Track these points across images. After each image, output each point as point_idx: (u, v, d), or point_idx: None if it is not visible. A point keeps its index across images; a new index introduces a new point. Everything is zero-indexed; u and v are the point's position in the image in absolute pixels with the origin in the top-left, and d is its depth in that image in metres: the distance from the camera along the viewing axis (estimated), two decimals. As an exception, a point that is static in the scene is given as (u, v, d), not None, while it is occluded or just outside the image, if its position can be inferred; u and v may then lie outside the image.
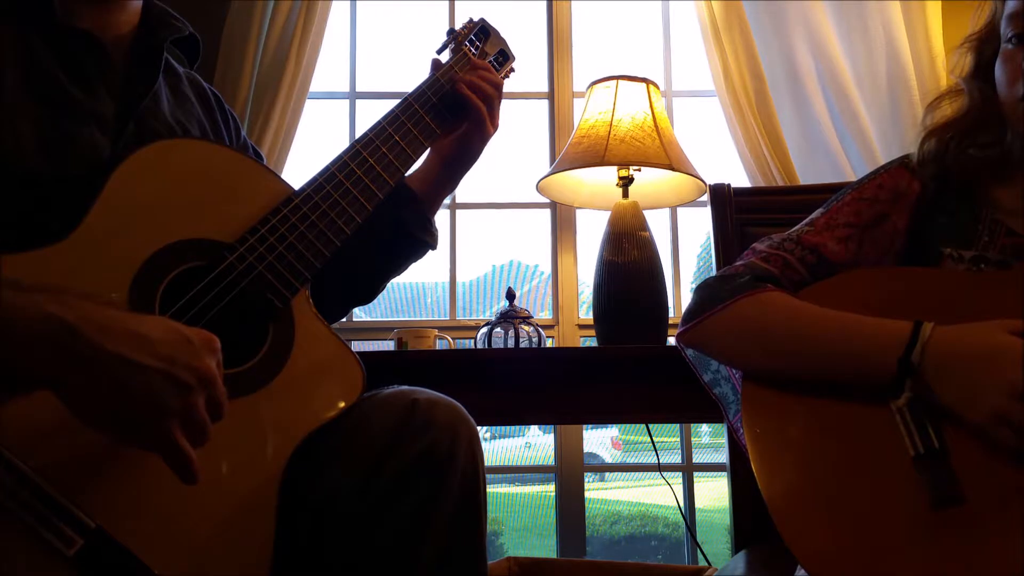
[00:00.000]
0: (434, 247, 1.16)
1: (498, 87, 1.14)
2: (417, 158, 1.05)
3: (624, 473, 6.67)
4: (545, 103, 2.26)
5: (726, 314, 0.88)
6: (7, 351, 0.60)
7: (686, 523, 2.02)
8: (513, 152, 2.45)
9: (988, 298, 0.82)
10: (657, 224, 1.87)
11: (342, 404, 0.87)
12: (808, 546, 0.73)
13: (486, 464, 0.89)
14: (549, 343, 1.93)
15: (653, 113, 1.75)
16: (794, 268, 0.93)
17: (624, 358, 1.47)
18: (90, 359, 0.63)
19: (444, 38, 1.20)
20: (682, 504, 1.97)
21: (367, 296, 1.18)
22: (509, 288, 1.77)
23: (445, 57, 1.17)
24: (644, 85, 1.78)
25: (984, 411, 0.73)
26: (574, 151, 1.75)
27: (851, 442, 0.79)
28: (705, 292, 0.93)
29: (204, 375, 0.68)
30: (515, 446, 5.91)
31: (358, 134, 1.02)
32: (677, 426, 2.29)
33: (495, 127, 1.13)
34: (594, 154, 1.70)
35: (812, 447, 0.80)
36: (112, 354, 0.63)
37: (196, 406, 0.67)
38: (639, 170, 1.74)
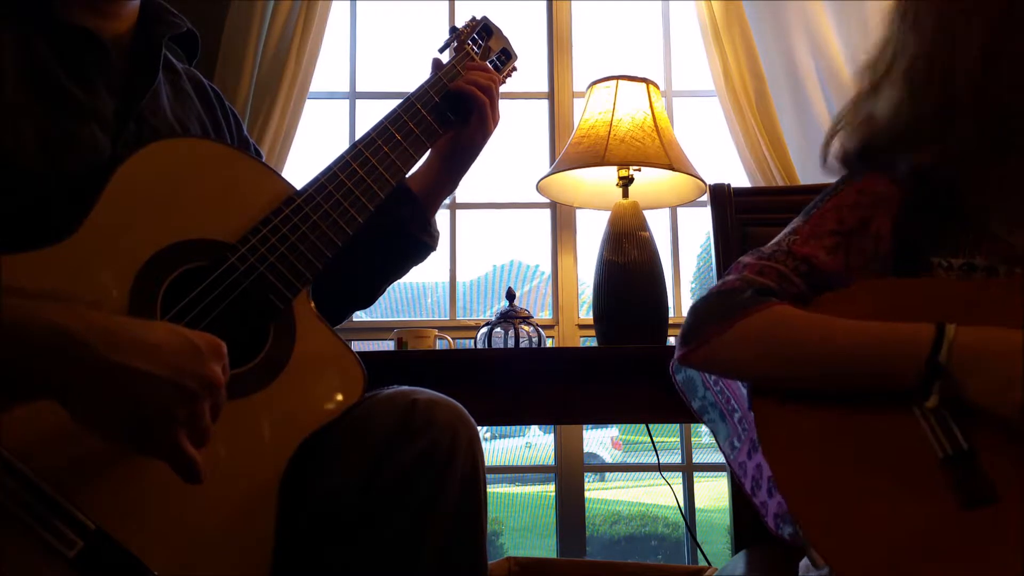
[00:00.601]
0: (434, 248, 1.16)
1: (497, 82, 1.15)
2: (419, 158, 1.05)
3: (624, 473, 6.68)
4: (545, 103, 2.26)
5: (736, 331, 0.85)
6: (8, 360, 0.60)
7: (686, 523, 2.02)
8: (513, 152, 2.45)
9: (988, 304, 0.82)
10: (657, 224, 1.87)
11: (343, 404, 0.87)
12: (837, 552, 0.73)
13: (486, 464, 0.89)
14: (549, 343, 1.93)
15: (653, 113, 1.75)
16: (789, 280, 0.91)
17: (624, 358, 1.47)
18: (95, 368, 0.62)
19: (446, 37, 1.20)
20: (682, 504, 1.97)
21: (367, 299, 1.18)
22: (509, 288, 1.77)
23: (446, 56, 1.18)
24: (644, 85, 1.78)
25: (1012, 405, 0.73)
26: (574, 151, 1.75)
27: (872, 448, 0.78)
28: (705, 310, 0.89)
29: (210, 382, 0.68)
30: (515, 446, 5.91)
31: (358, 134, 1.02)
32: (677, 426, 2.29)
33: (496, 122, 1.14)
34: (594, 154, 1.69)
35: (833, 456, 0.79)
36: (117, 363, 0.63)
37: (203, 413, 0.67)
38: (639, 170, 1.74)
